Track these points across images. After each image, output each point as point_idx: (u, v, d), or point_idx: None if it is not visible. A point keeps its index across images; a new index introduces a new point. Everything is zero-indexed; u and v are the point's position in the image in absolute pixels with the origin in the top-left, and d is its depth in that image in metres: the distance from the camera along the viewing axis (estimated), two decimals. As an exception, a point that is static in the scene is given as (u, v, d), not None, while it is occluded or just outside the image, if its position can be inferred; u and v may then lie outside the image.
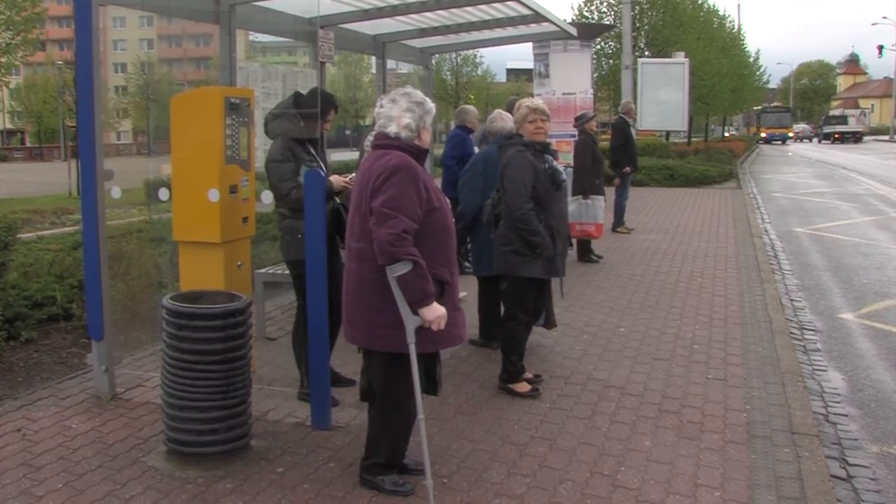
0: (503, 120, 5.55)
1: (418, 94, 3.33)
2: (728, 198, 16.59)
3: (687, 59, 19.72)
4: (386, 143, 3.25)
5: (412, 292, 3.06)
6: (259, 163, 4.81)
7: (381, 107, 3.31)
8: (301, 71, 6.36)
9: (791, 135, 55.22)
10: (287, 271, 4.65)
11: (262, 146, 4.92)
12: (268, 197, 4.34)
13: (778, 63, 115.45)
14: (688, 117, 21.49)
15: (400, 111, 3.25)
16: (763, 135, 53.57)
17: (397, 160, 3.14)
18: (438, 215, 3.19)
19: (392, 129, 3.25)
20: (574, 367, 5.19)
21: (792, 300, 7.62)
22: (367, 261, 3.16)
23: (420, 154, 3.26)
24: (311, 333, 3.87)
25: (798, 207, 15.79)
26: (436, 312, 3.10)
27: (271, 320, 6.16)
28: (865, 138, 60.17)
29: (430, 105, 3.35)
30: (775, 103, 66.01)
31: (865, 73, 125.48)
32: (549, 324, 5.39)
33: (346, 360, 4.68)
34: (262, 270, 5.79)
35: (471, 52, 44.97)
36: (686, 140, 29.07)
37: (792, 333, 6.26)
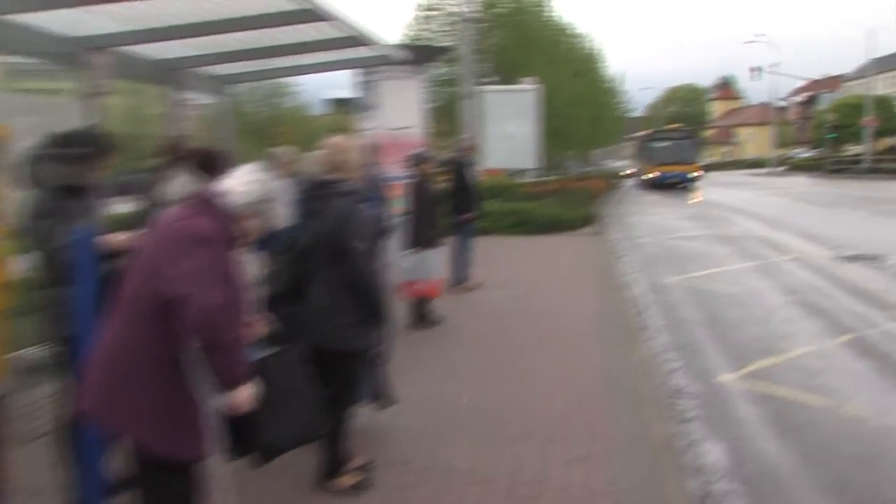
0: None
1: (275, 190, 3.47)
2: (588, 245, 17.44)
3: (537, 86, 20.79)
4: (203, 201, 3.36)
5: (230, 369, 3.15)
6: (13, 217, 4.48)
7: (237, 172, 3.46)
8: (68, 103, 6.22)
9: (698, 174, 44.89)
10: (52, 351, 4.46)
11: (18, 196, 4.58)
12: (27, 260, 4.22)
13: (641, 88, 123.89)
14: (540, 153, 22.46)
15: (246, 181, 3.41)
16: (651, 175, 44.56)
17: (208, 225, 3.24)
18: (237, 294, 3.27)
19: (226, 188, 3.39)
20: (410, 451, 5.27)
21: (664, 362, 7.99)
22: (144, 330, 3.16)
23: (233, 232, 3.36)
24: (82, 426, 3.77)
25: (669, 254, 16.71)
26: (247, 393, 3.22)
27: (34, 414, 5.78)
28: (740, 171, 70.54)
29: (275, 207, 3.45)
30: (676, 125, 55.16)
31: (741, 98, 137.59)
32: (386, 401, 5.52)
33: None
34: (23, 351, 5.57)
35: (283, 79, 43.96)
36: (539, 179, 30.24)
37: (664, 401, 6.55)
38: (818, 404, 6.65)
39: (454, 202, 11.19)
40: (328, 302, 4.49)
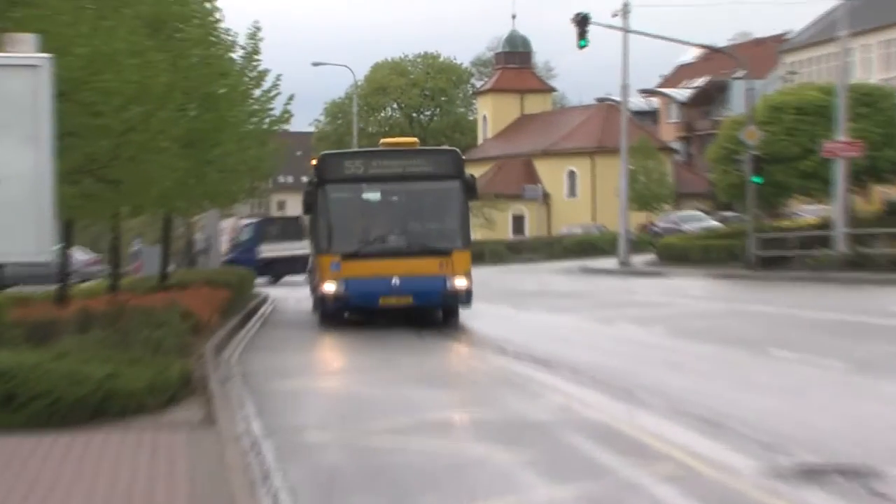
0: None
1: None
2: (179, 456, 17.73)
3: (46, 56, 20.56)
4: None
5: None
6: None
7: None
8: None
9: (466, 282, 42.72)
10: None
11: None
12: None
13: (315, 64, 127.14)
14: (59, 218, 22.05)
15: None
16: (332, 286, 41.20)
17: None
18: None
19: None
20: None
21: None
22: None
23: None
24: None
25: (376, 471, 17.37)
26: None
27: None
28: (556, 263, 74.62)
29: None
30: (403, 139, 55.82)
31: (548, 90, 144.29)
32: None
33: None
34: None
35: None
36: (57, 287, 29.79)
37: None
38: None
39: None
40: None
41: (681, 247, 72.27)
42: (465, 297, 41.43)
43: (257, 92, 46.86)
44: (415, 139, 53.55)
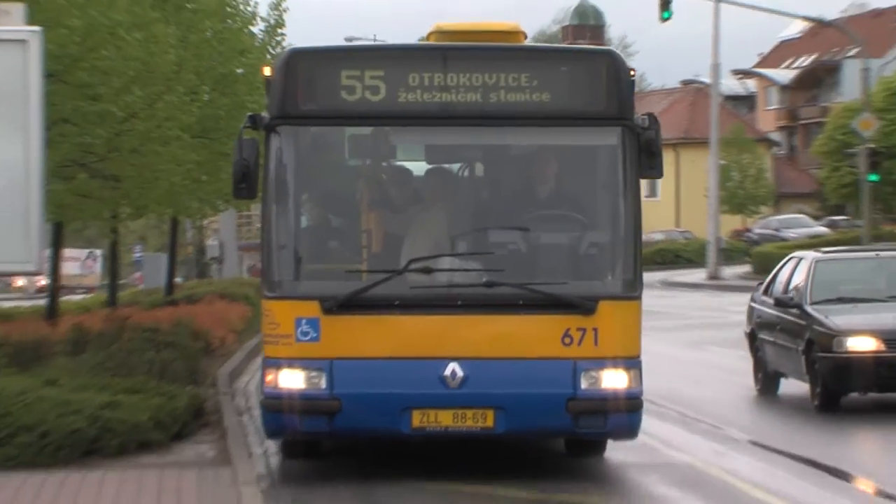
0: None
1: None
2: (188, 502, 18.10)
3: (34, 29, 20.89)
4: None
5: None
6: None
7: None
8: None
9: None
10: None
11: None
12: None
13: (349, 39, 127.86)
14: (45, 221, 22.43)
15: None
16: None
17: None
18: None
19: None
20: None
21: None
22: None
23: None
24: None
25: None
26: None
27: None
28: None
29: None
30: (465, 24, 43.83)
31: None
32: None
33: None
34: None
35: None
36: (51, 302, 30.14)
37: None
38: None
39: None
40: None
41: (781, 257, 71.57)
42: (629, 417, 20.89)
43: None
44: (514, 25, 24.94)
